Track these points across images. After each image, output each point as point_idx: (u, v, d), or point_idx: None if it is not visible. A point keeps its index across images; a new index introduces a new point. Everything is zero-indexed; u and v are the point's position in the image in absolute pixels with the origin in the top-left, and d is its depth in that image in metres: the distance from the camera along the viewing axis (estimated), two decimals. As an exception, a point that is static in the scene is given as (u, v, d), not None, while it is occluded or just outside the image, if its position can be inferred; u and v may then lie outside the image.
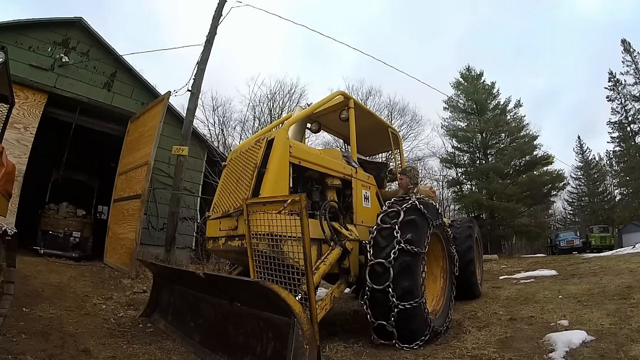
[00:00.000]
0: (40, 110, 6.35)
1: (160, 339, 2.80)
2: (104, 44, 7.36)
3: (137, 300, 4.12)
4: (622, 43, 28.14)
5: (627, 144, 28.31)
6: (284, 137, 2.90)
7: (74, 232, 6.69)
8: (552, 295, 4.28)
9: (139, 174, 5.99)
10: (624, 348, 2.27)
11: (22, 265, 4.42)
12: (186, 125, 6.92)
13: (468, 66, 28.44)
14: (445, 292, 3.31)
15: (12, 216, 5.42)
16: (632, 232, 21.87)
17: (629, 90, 27.88)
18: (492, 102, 27.27)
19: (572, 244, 19.74)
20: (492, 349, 2.50)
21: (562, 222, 36.11)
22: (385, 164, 4.74)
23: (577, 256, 12.22)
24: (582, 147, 37.53)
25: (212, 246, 3.17)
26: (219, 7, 7.29)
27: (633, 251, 10.06)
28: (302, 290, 2.24)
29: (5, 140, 4.11)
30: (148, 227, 7.38)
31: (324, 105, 3.67)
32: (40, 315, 3.05)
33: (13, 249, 2.54)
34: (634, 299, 3.49)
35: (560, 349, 2.38)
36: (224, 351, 2.34)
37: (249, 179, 2.86)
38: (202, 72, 7.04)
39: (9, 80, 3.32)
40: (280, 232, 2.32)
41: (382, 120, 4.59)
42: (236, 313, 2.34)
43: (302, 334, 1.82)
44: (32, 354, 2.20)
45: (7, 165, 2.91)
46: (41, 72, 6.49)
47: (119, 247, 6.06)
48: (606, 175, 34.97)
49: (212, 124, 23.53)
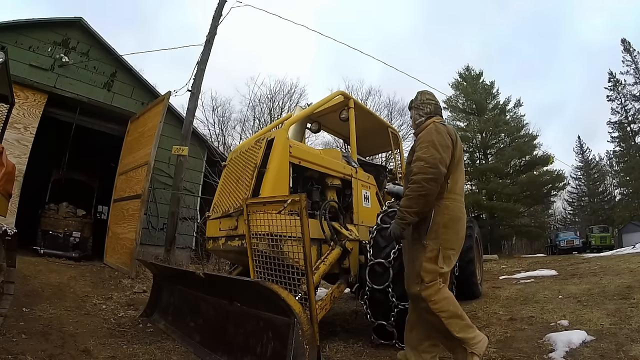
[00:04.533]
0: (40, 110, 6.35)
1: (160, 339, 2.80)
2: (104, 44, 7.36)
3: (137, 300, 4.12)
4: (622, 43, 28.16)
5: (627, 144, 28.31)
6: (284, 137, 2.90)
7: (74, 232, 6.69)
8: (552, 295, 4.28)
9: (139, 174, 5.99)
10: (624, 348, 2.27)
11: (22, 265, 4.42)
12: (186, 125, 6.92)
13: (467, 66, 28.47)
14: (445, 292, 3.30)
15: (12, 216, 5.42)
16: (632, 232, 21.90)
17: (629, 90, 27.91)
18: (491, 102, 27.25)
19: (572, 244, 19.74)
20: (492, 349, 2.50)
21: (562, 222, 36.11)
22: (384, 167, 4.75)
23: (577, 256, 12.21)
24: (582, 147, 37.57)
25: (212, 246, 3.17)
26: (219, 7, 7.29)
27: (633, 251, 10.06)
28: (302, 290, 2.24)
29: (5, 140, 4.11)
30: (148, 227, 7.38)
31: (324, 105, 3.67)
32: (40, 315, 3.06)
33: (13, 249, 2.54)
34: (634, 299, 3.49)
35: (560, 349, 2.38)
36: (224, 351, 2.34)
37: (249, 179, 2.86)
38: (202, 72, 7.04)
39: (9, 80, 3.32)
40: (280, 232, 2.32)
41: (382, 120, 4.59)
42: (236, 313, 2.34)
43: (302, 334, 1.82)
44: (32, 354, 2.20)
45: (7, 165, 2.91)
46: (41, 72, 6.49)
47: (119, 247, 6.06)
48: (606, 175, 34.97)
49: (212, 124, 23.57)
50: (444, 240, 2.04)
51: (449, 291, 2.05)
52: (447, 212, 2.06)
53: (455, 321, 1.97)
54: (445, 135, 2.09)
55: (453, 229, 2.08)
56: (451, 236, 2.07)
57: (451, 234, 2.07)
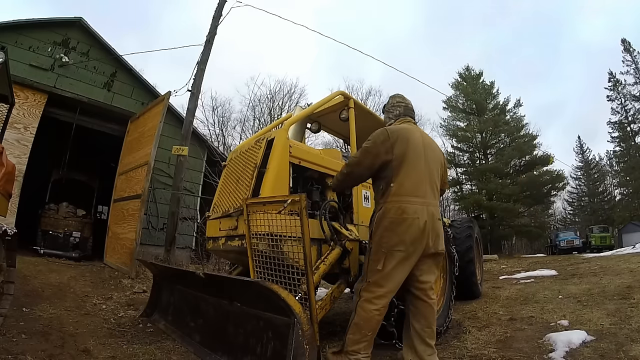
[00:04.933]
0: (40, 110, 6.35)
1: (160, 339, 2.80)
2: (104, 44, 7.36)
3: (137, 300, 4.12)
4: (622, 43, 28.16)
5: (627, 144, 28.32)
6: (284, 137, 2.90)
7: (74, 232, 6.69)
8: (552, 295, 4.28)
9: (139, 174, 5.99)
10: (624, 348, 2.27)
11: (22, 265, 4.42)
12: (186, 125, 6.92)
13: (467, 66, 28.48)
14: (445, 292, 3.30)
15: (12, 216, 5.42)
16: (632, 232, 21.93)
17: (629, 90, 27.94)
18: (491, 102, 27.26)
19: (572, 244, 19.75)
20: (492, 349, 2.50)
21: (562, 222, 36.13)
22: None
23: (577, 256, 12.21)
24: (582, 147, 37.58)
25: (212, 246, 3.16)
26: (219, 7, 7.29)
27: (633, 251, 10.05)
28: (302, 290, 2.24)
29: (5, 140, 4.12)
30: (148, 227, 7.39)
31: (324, 105, 3.66)
32: (40, 315, 3.05)
33: (13, 249, 2.54)
34: (634, 299, 3.49)
35: (560, 349, 2.38)
36: (224, 351, 2.34)
37: (249, 179, 2.85)
38: (202, 72, 7.04)
39: (9, 80, 3.33)
40: (280, 232, 2.31)
41: (382, 120, 4.59)
42: (236, 313, 2.34)
43: (302, 334, 1.82)
44: (32, 354, 2.20)
45: (7, 165, 2.91)
46: (41, 72, 6.49)
47: (119, 247, 6.06)
48: (606, 175, 34.98)
49: (212, 124, 23.58)
50: (386, 243, 2.13)
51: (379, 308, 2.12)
52: (389, 215, 2.15)
53: (356, 330, 2.13)
54: (379, 143, 2.25)
55: (395, 231, 2.13)
56: (393, 238, 2.12)
57: (393, 236, 2.12)
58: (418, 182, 2.22)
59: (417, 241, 2.13)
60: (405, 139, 2.25)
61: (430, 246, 2.17)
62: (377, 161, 2.25)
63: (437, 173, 2.38)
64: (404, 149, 2.22)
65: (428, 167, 2.29)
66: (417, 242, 2.13)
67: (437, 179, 2.36)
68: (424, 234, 2.14)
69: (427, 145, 2.35)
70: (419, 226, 2.12)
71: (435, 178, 2.34)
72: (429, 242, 2.16)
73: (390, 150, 2.22)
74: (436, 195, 2.34)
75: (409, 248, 2.11)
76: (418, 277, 2.22)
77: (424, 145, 2.33)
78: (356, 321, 2.14)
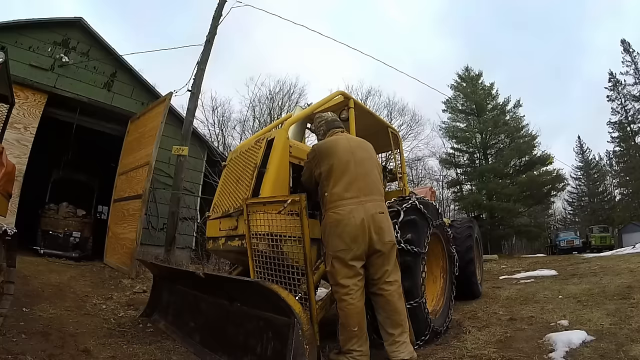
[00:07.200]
0: (40, 110, 6.35)
1: (160, 339, 2.80)
2: (104, 44, 7.35)
3: (137, 300, 4.11)
4: (622, 43, 28.17)
5: (627, 144, 28.31)
6: (284, 137, 2.90)
7: (74, 232, 6.68)
8: (552, 295, 4.28)
9: (140, 174, 5.98)
10: (624, 348, 2.27)
11: (22, 265, 4.41)
12: (186, 125, 6.92)
13: (467, 67, 28.50)
14: (445, 292, 3.31)
15: (12, 216, 5.42)
16: (632, 232, 21.92)
17: (629, 90, 27.92)
18: (491, 102, 27.28)
19: (572, 244, 19.75)
20: (492, 349, 2.50)
21: (562, 222, 36.13)
22: (384, 167, 4.74)
23: (577, 256, 12.22)
24: (582, 147, 37.57)
25: (212, 246, 3.16)
26: (219, 7, 7.29)
27: (633, 251, 10.06)
28: (302, 290, 2.25)
29: (5, 140, 4.11)
30: (148, 227, 7.38)
31: (324, 105, 3.66)
32: (40, 315, 3.05)
33: (13, 249, 2.53)
34: (634, 299, 3.49)
35: (560, 349, 2.37)
36: (224, 351, 2.34)
37: (249, 179, 2.86)
38: (202, 72, 7.04)
39: (9, 80, 3.32)
40: (280, 232, 2.32)
41: (382, 120, 4.59)
42: (236, 313, 2.34)
43: (302, 334, 1.82)
44: (32, 354, 2.20)
45: (7, 165, 2.91)
46: (41, 72, 6.48)
47: (119, 247, 6.05)
48: (606, 175, 34.97)
49: (212, 124, 23.57)
50: (331, 247, 2.29)
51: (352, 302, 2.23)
52: (328, 221, 2.34)
53: (342, 329, 2.26)
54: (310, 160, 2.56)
55: (335, 234, 2.28)
56: (335, 241, 2.28)
57: (335, 239, 2.28)
58: (348, 185, 2.36)
59: (357, 238, 2.25)
60: (330, 151, 2.46)
61: (375, 240, 2.27)
62: (312, 175, 2.53)
63: (376, 169, 2.56)
64: (329, 161, 2.42)
65: (362, 167, 2.44)
66: (358, 239, 2.25)
67: (376, 174, 2.52)
68: (364, 231, 2.25)
69: (355, 148, 2.52)
70: (355, 224, 2.25)
71: (372, 175, 2.48)
72: (372, 236, 2.26)
73: (318, 165, 2.47)
74: (375, 190, 2.43)
75: (351, 246, 2.24)
76: (372, 274, 2.32)
77: (352, 149, 2.49)
78: (340, 321, 2.28)
